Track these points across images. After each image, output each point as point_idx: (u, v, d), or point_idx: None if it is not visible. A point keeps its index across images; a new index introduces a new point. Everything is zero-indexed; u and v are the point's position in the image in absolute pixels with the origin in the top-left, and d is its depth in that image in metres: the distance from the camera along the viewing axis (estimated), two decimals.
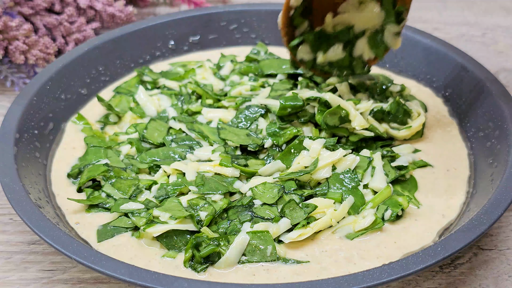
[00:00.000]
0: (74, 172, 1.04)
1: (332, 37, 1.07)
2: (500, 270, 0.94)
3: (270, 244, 0.89)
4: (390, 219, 0.94)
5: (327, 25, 1.06)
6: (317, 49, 1.08)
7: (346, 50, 1.08)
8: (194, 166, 1.01)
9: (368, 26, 1.06)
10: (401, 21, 1.05)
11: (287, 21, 1.05)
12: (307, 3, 1.05)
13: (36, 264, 0.96)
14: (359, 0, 1.05)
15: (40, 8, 1.36)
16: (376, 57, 1.09)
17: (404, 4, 1.04)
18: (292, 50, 1.08)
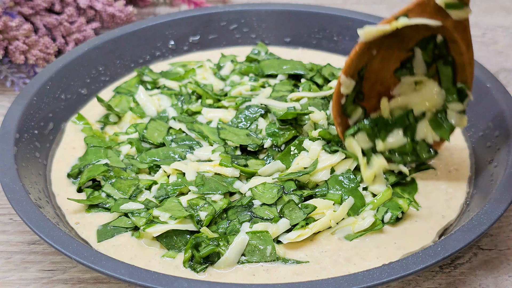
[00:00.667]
0: (74, 172, 1.04)
1: (390, 123, 1.00)
2: (500, 270, 0.94)
3: (269, 244, 0.89)
4: (390, 222, 0.94)
5: (383, 110, 0.99)
6: (375, 136, 0.99)
7: (407, 135, 1.00)
8: (194, 166, 1.01)
9: (428, 107, 0.99)
10: (465, 98, 0.98)
11: (339, 110, 0.99)
12: (359, 89, 0.99)
13: (36, 264, 0.96)
14: (415, 80, 0.99)
15: (40, 8, 1.36)
16: (441, 139, 1.01)
17: (465, 81, 0.98)
18: (348, 140, 1.00)
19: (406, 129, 1.00)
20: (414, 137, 1.00)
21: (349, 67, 0.96)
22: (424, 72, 0.98)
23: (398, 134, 0.99)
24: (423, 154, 1.01)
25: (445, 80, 0.98)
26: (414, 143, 1.00)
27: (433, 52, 0.97)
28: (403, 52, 0.98)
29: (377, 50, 0.96)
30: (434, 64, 0.98)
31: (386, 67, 0.99)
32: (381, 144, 0.99)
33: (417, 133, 1.00)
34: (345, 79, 0.96)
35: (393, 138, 0.99)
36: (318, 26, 1.33)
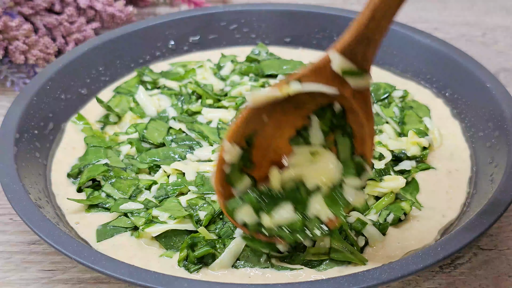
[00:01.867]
0: (74, 172, 1.04)
1: (280, 197, 0.88)
2: (500, 270, 0.94)
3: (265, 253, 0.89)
4: (392, 223, 0.94)
5: (274, 181, 0.88)
6: (261, 211, 0.87)
7: (298, 210, 0.87)
8: (194, 166, 1.01)
9: (324, 181, 0.87)
10: (362, 173, 0.86)
11: (221, 179, 0.86)
12: (247, 157, 0.87)
13: (36, 264, 0.96)
14: (311, 151, 0.88)
15: (40, 8, 1.36)
16: (336, 217, 0.87)
17: (364, 154, 0.86)
18: (229, 213, 0.87)
19: (297, 204, 0.87)
20: (305, 213, 0.87)
21: (234, 133, 0.84)
22: (321, 143, 0.87)
23: (288, 209, 0.87)
24: (315, 233, 0.86)
25: (343, 152, 0.87)
26: (305, 220, 0.87)
27: (331, 122, 0.86)
28: (299, 119, 0.87)
29: (269, 116, 0.85)
30: (332, 134, 0.87)
31: (280, 135, 0.88)
32: (268, 219, 0.86)
33: (310, 209, 0.87)
34: (229, 146, 0.84)
35: (282, 213, 0.86)
36: (318, 26, 1.33)
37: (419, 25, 1.50)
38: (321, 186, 0.87)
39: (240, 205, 0.86)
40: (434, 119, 1.15)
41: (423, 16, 1.60)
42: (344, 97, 0.83)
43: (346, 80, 0.82)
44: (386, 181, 0.98)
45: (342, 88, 0.82)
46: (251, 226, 0.86)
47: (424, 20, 1.58)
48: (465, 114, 1.14)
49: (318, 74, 0.82)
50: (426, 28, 1.50)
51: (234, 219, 0.87)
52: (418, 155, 1.05)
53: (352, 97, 0.83)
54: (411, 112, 1.14)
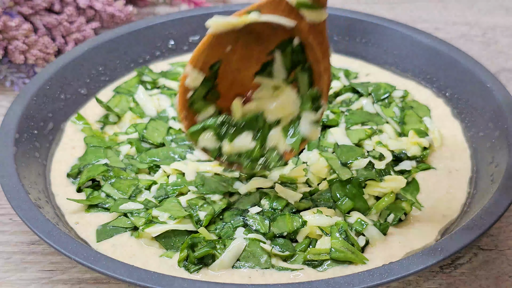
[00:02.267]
0: (73, 172, 1.04)
1: (240, 125, 0.92)
2: (500, 270, 0.94)
3: (265, 253, 0.89)
4: (393, 223, 0.94)
5: (235, 111, 0.92)
6: (222, 137, 0.92)
7: (257, 140, 0.92)
8: (194, 166, 1.01)
9: (284, 115, 0.91)
10: (319, 108, 0.90)
11: (184, 103, 0.90)
12: (211, 86, 0.91)
13: (36, 264, 0.95)
14: (274, 85, 0.92)
15: (39, 8, 1.36)
16: (292, 149, 0.92)
17: (320, 88, 0.90)
18: (192, 136, 0.92)
19: (256, 134, 0.92)
20: (264, 144, 0.92)
21: (196, 58, 0.88)
22: (284, 78, 0.91)
23: (247, 137, 0.92)
24: (272, 162, 0.92)
25: (302, 87, 0.91)
26: (263, 149, 0.92)
27: (292, 57, 0.90)
28: (264, 54, 0.90)
29: (232, 47, 0.88)
30: (294, 70, 0.91)
31: (245, 68, 0.91)
32: (228, 146, 0.91)
33: (268, 140, 0.92)
34: (191, 70, 0.88)
35: (241, 141, 0.91)
36: None
37: (419, 25, 1.51)
38: (281, 120, 0.91)
39: (202, 130, 0.90)
40: (434, 119, 1.15)
41: (423, 16, 1.60)
42: (301, 31, 0.86)
43: (301, 13, 0.85)
44: (387, 181, 0.98)
45: (299, 21, 0.86)
46: (212, 151, 0.91)
47: (424, 20, 1.58)
48: (465, 114, 1.14)
49: (275, 6, 0.85)
50: (426, 28, 1.50)
51: (196, 143, 0.91)
52: (419, 155, 1.05)
53: (308, 31, 0.86)
54: (411, 112, 1.14)
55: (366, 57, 1.30)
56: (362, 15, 1.31)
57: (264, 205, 0.95)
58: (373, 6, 1.63)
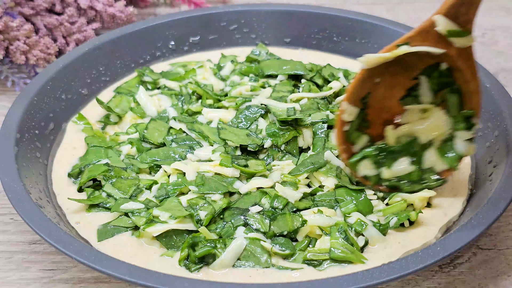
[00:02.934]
0: (74, 172, 1.04)
1: (396, 151, 0.97)
2: (499, 269, 0.95)
3: (265, 253, 0.89)
4: (394, 227, 0.94)
5: (389, 137, 0.97)
6: (380, 164, 0.97)
7: (414, 163, 0.97)
8: (194, 166, 1.01)
9: (436, 136, 0.96)
10: (472, 126, 0.95)
11: (342, 137, 0.97)
12: (363, 116, 0.97)
13: (37, 264, 0.96)
14: (422, 109, 0.97)
15: (40, 8, 1.36)
16: (450, 168, 0.97)
17: (472, 108, 0.95)
18: (352, 167, 0.98)
19: (412, 157, 0.97)
20: (421, 165, 0.97)
21: (351, 94, 0.94)
22: (431, 100, 0.96)
23: (405, 162, 0.97)
24: (431, 182, 0.97)
25: (452, 108, 0.95)
26: (421, 171, 0.97)
27: (439, 80, 0.95)
28: (408, 80, 0.95)
29: (381, 78, 0.95)
30: (440, 92, 0.95)
31: (391, 95, 0.96)
32: (387, 171, 0.97)
33: (424, 162, 0.97)
34: (348, 106, 0.94)
35: (399, 166, 0.97)
36: (318, 26, 1.33)
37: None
38: (434, 141, 0.96)
39: (361, 160, 0.97)
40: None
41: (423, 17, 1.59)
42: (449, 56, 0.91)
43: (450, 40, 0.90)
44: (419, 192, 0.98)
45: (448, 48, 0.91)
46: (372, 178, 0.97)
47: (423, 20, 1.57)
48: None
49: (424, 36, 0.91)
50: None
51: (356, 172, 0.97)
52: None
53: (457, 56, 0.91)
54: None
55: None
56: (362, 16, 1.31)
57: (265, 205, 0.95)
58: (373, 7, 1.63)
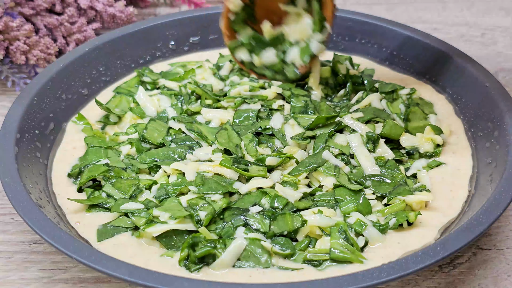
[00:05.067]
0: (74, 172, 1.04)
1: (267, 43, 1.16)
2: (499, 269, 0.95)
3: (265, 253, 0.89)
4: (393, 227, 0.94)
5: (265, 32, 1.15)
6: (253, 52, 1.16)
7: (278, 56, 1.15)
8: (194, 166, 1.01)
9: (301, 37, 1.14)
10: (324, 29, 1.11)
11: (227, 24, 1.15)
12: (250, 12, 1.15)
13: (37, 264, 0.96)
14: (297, 13, 1.14)
15: (41, 8, 1.36)
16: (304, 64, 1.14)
17: (326, 14, 1.11)
18: (231, 50, 1.17)
19: (279, 51, 1.15)
20: (284, 58, 1.15)
21: None
22: (304, 7, 1.13)
23: (271, 52, 1.15)
24: (290, 74, 1.14)
25: (314, 14, 1.12)
26: (283, 63, 1.15)
27: None
28: None
29: None
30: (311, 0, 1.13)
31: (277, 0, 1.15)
32: (257, 59, 1.15)
33: (287, 56, 1.15)
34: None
35: (267, 56, 1.15)
36: None
37: (418, 25, 1.51)
38: (300, 41, 1.14)
39: (239, 46, 1.16)
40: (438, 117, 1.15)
41: (423, 16, 1.60)
42: None
43: None
44: (418, 195, 0.97)
45: None
46: (246, 63, 1.17)
47: (423, 20, 1.58)
48: (464, 114, 1.14)
49: None
50: (426, 28, 1.51)
51: (234, 55, 1.18)
52: (431, 152, 1.06)
53: None
54: (416, 108, 1.14)
55: (366, 58, 1.30)
56: (362, 16, 1.31)
57: (265, 205, 0.95)
58: (373, 7, 1.63)
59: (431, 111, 1.15)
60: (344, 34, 1.31)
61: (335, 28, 1.31)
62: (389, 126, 1.07)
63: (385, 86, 1.17)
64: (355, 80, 1.19)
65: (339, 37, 1.32)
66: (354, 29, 1.30)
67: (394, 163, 1.03)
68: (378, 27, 1.29)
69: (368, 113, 1.10)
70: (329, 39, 1.13)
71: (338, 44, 1.32)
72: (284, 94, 1.14)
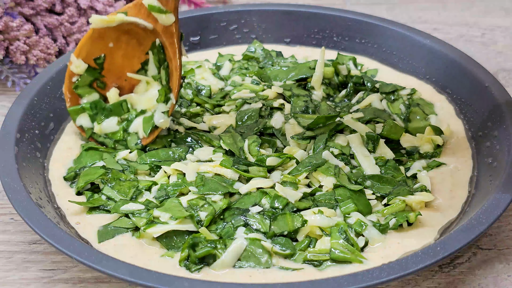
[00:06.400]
0: (70, 175, 1.03)
1: (109, 109, 1.10)
2: (499, 269, 0.95)
3: (266, 253, 0.89)
4: (393, 228, 0.94)
5: (110, 99, 1.11)
6: (95, 119, 1.10)
7: (120, 125, 1.09)
8: (194, 166, 1.01)
9: (148, 106, 1.09)
10: (169, 100, 1.07)
11: (69, 86, 1.09)
12: (98, 76, 1.10)
13: (37, 264, 0.96)
14: (147, 81, 1.10)
15: (41, 8, 1.36)
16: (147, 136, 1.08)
17: (172, 85, 1.07)
18: (72, 115, 1.10)
19: (123, 120, 1.10)
20: (127, 129, 1.09)
21: (79, 48, 1.07)
22: (155, 76, 1.10)
23: (113, 121, 1.09)
24: (130, 145, 1.08)
25: (162, 82, 1.09)
26: (126, 133, 1.09)
27: (158, 56, 1.08)
28: (143, 54, 1.09)
29: (115, 44, 1.08)
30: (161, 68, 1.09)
31: (129, 66, 1.10)
32: (97, 126, 1.09)
33: (132, 126, 1.09)
34: (75, 59, 1.07)
35: (108, 124, 1.09)
36: (318, 26, 1.33)
37: (418, 25, 1.51)
38: (147, 110, 1.09)
39: (80, 111, 1.10)
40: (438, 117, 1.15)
41: (423, 16, 1.60)
42: (157, 32, 1.05)
43: (155, 16, 1.03)
44: (418, 195, 0.98)
45: (155, 24, 1.04)
46: (86, 129, 1.10)
47: (423, 20, 1.58)
48: (464, 114, 1.14)
49: (138, 10, 1.04)
50: (426, 28, 1.51)
51: (74, 121, 1.10)
52: (431, 152, 1.06)
53: (163, 33, 1.05)
54: (417, 109, 1.14)
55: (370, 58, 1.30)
56: (362, 16, 1.31)
57: (265, 205, 0.95)
58: (372, 7, 1.63)
59: (432, 111, 1.16)
60: (344, 34, 1.31)
61: (335, 29, 1.31)
62: (389, 127, 1.07)
63: (385, 87, 1.18)
64: (356, 81, 1.19)
65: (339, 37, 1.32)
66: (354, 29, 1.30)
67: (394, 163, 1.03)
68: (378, 27, 1.29)
69: (369, 113, 1.10)
70: (172, 111, 1.07)
71: (338, 44, 1.32)
72: (284, 94, 1.14)
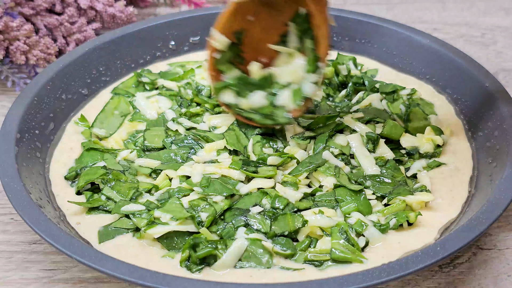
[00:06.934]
0: (71, 175, 1.03)
1: (255, 85, 1.07)
2: (499, 269, 0.95)
3: (267, 253, 0.89)
4: (393, 228, 0.94)
5: (252, 73, 1.08)
6: (240, 94, 1.07)
7: (268, 99, 1.06)
8: (200, 168, 1.00)
9: (293, 78, 1.05)
10: (318, 70, 1.03)
11: (212, 63, 1.07)
12: (237, 51, 1.07)
13: (37, 264, 0.96)
14: (289, 54, 1.07)
15: (41, 8, 1.36)
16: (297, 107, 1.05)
17: (320, 53, 1.03)
18: (216, 92, 1.08)
19: (269, 94, 1.07)
20: (273, 102, 1.06)
21: (220, 23, 1.05)
22: (296, 46, 1.06)
23: (260, 94, 1.06)
24: (279, 119, 1.04)
25: (307, 52, 1.05)
26: (273, 107, 1.05)
27: (301, 26, 1.04)
28: (281, 25, 1.06)
29: (255, 17, 1.05)
30: (303, 38, 1.05)
31: (267, 38, 1.07)
32: (245, 101, 1.06)
33: (278, 99, 1.05)
34: (216, 33, 1.05)
35: (255, 98, 1.06)
36: None
37: (418, 25, 1.51)
38: (292, 83, 1.05)
39: (224, 88, 1.07)
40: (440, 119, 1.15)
41: (423, 17, 1.60)
42: (303, 1, 1.01)
43: None
44: (418, 195, 0.98)
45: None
46: (232, 105, 1.07)
47: (423, 20, 1.58)
48: (464, 114, 1.14)
49: None
50: (426, 28, 1.51)
51: (219, 98, 1.07)
52: (431, 152, 1.06)
53: (311, 1, 1.01)
54: (416, 109, 1.14)
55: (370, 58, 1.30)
56: (362, 16, 1.31)
57: (265, 205, 0.95)
58: (372, 7, 1.63)
59: (432, 111, 1.16)
60: (344, 34, 1.31)
61: (335, 29, 1.31)
62: (389, 127, 1.07)
63: (385, 87, 1.18)
64: (356, 81, 1.19)
65: (339, 37, 1.32)
66: (354, 29, 1.30)
67: (394, 163, 1.03)
68: (378, 27, 1.29)
69: (369, 113, 1.11)
70: (322, 79, 1.05)
71: (338, 44, 1.32)
72: None
